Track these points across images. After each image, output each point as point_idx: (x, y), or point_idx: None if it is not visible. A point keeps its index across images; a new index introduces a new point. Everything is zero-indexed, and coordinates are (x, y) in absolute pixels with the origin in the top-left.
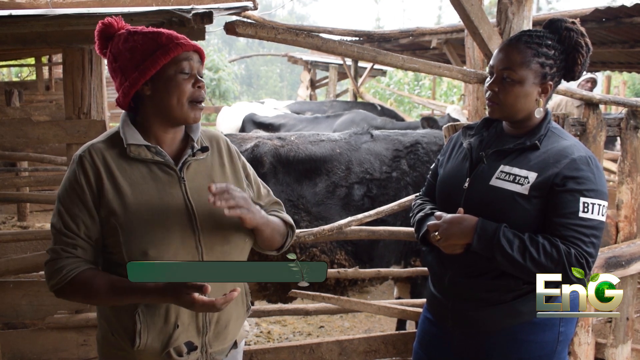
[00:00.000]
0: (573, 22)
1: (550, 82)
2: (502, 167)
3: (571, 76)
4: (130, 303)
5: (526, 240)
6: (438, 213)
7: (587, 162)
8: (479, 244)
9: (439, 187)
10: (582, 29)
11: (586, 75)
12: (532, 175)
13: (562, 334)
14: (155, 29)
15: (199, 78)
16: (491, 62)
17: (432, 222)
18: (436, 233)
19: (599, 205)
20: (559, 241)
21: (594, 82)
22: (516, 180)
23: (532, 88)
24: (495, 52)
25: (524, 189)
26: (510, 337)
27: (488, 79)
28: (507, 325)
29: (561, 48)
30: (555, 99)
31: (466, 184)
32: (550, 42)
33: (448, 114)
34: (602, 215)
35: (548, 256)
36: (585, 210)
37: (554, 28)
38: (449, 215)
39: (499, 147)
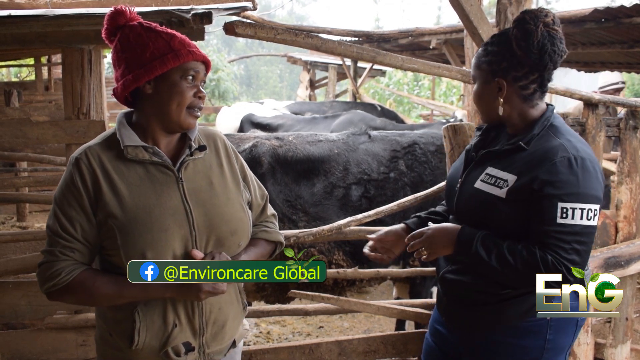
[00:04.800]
0: (521, 14)
1: (502, 79)
2: (488, 169)
3: (531, 63)
4: (131, 300)
5: (504, 249)
6: (417, 232)
7: (568, 164)
8: (459, 254)
9: (445, 187)
10: (523, 16)
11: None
12: (512, 179)
13: (550, 341)
14: (169, 31)
15: (201, 89)
16: None
17: (414, 241)
18: (422, 249)
19: (582, 209)
20: (537, 248)
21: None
22: (496, 183)
23: (484, 88)
24: None
25: (502, 193)
26: (494, 338)
27: None
28: (492, 326)
29: (506, 42)
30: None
31: (458, 186)
32: (495, 40)
33: (457, 118)
34: (589, 219)
35: (525, 264)
36: (564, 215)
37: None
38: (433, 227)
39: (490, 148)
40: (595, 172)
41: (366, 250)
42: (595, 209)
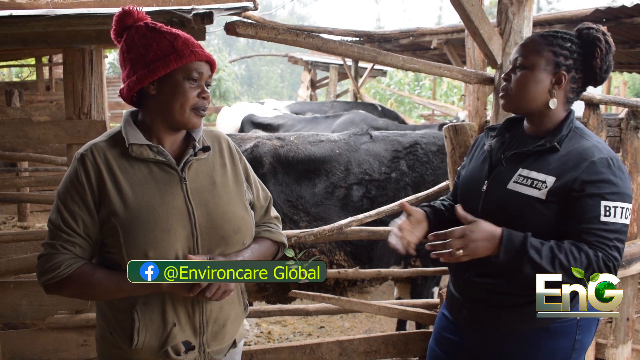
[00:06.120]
0: (598, 26)
1: (565, 73)
2: (520, 171)
3: (592, 73)
4: (130, 294)
5: (554, 248)
6: (458, 230)
7: (607, 164)
8: (506, 257)
9: (460, 189)
10: (605, 30)
11: None
12: (551, 180)
13: (578, 342)
14: (174, 31)
15: (205, 89)
16: (510, 57)
17: (451, 239)
18: (460, 251)
19: (622, 208)
20: (585, 246)
21: None
22: (534, 185)
23: (542, 75)
24: None
25: (541, 194)
26: (523, 341)
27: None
28: (522, 329)
29: (578, 42)
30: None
31: (484, 187)
32: (567, 37)
33: (459, 119)
34: (626, 218)
35: (578, 262)
36: (607, 214)
37: (576, 30)
38: (474, 228)
39: (519, 149)
40: (626, 172)
41: (392, 240)
42: (629, 208)
